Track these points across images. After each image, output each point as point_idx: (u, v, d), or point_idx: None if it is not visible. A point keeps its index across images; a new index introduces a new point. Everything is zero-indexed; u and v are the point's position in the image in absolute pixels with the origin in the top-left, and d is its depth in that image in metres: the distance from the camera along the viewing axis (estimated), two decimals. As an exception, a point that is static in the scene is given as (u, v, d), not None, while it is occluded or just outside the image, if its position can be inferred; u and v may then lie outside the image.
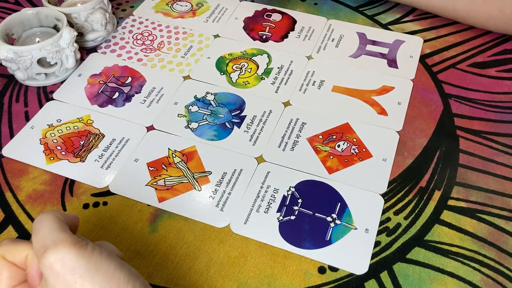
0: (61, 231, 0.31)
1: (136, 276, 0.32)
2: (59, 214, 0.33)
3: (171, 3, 0.70)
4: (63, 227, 0.32)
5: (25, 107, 0.56)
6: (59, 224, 0.32)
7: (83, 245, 0.30)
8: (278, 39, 0.64)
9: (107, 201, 0.47)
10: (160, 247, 0.44)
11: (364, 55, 0.62)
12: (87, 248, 0.30)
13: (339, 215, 0.46)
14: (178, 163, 0.50)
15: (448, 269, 0.42)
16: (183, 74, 0.60)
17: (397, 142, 0.52)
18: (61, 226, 0.31)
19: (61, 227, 0.31)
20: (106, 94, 0.57)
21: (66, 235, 0.31)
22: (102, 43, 0.64)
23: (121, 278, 0.31)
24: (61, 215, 0.33)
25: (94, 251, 0.31)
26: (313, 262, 0.43)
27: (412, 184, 0.49)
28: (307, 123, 0.54)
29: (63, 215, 0.33)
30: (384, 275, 0.42)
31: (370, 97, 0.56)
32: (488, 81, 0.58)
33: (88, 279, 0.30)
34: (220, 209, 0.46)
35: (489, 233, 0.45)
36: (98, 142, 0.52)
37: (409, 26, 0.66)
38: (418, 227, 0.45)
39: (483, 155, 0.51)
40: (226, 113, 0.55)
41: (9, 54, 0.54)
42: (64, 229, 0.31)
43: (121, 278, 0.31)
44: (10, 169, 0.50)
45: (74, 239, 0.31)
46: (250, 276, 0.42)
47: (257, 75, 0.59)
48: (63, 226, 0.32)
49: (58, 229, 0.31)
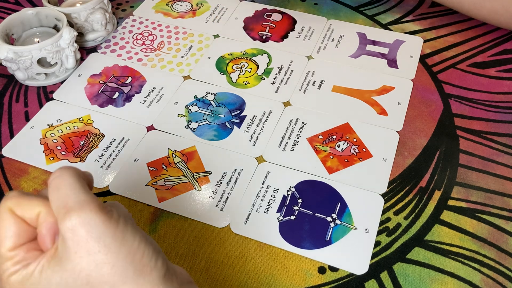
0: (85, 191, 0.28)
1: (159, 253, 0.29)
2: (78, 171, 0.29)
3: (171, 3, 0.70)
4: (85, 187, 0.29)
5: (25, 107, 0.56)
6: (81, 183, 0.28)
7: (110, 212, 0.28)
8: (278, 39, 0.64)
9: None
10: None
11: (364, 55, 0.62)
12: (113, 216, 0.28)
13: (339, 215, 0.46)
14: (178, 163, 0.50)
15: (448, 269, 0.42)
16: (183, 74, 0.60)
17: (397, 142, 0.52)
18: (84, 186, 0.28)
19: (83, 186, 0.28)
20: (106, 94, 0.57)
21: (91, 197, 0.28)
22: (102, 43, 0.64)
23: (145, 253, 0.28)
24: (80, 171, 0.30)
25: (120, 220, 0.28)
26: (313, 262, 0.43)
27: (412, 184, 0.48)
28: (307, 123, 0.54)
29: (82, 173, 0.30)
30: (384, 275, 0.42)
31: (370, 97, 0.56)
32: (488, 81, 0.58)
33: (113, 250, 0.27)
34: (220, 209, 0.46)
35: (489, 233, 0.45)
36: (98, 142, 0.52)
37: (409, 26, 0.66)
38: (418, 227, 0.45)
39: (483, 155, 0.51)
40: (226, 113, 0.55)
41: (9, 54, 0.54)
42: (87, 190, 0.28)
43: (145, 252, 0.28)
44: (10, 169, 0.50)
45: (100, 204, 0.28)
46: (250, 276, 0.42)
47: (257, 75, 0.59)
48: (85, 186, 0.29)
49: (81, 189, 0.28)
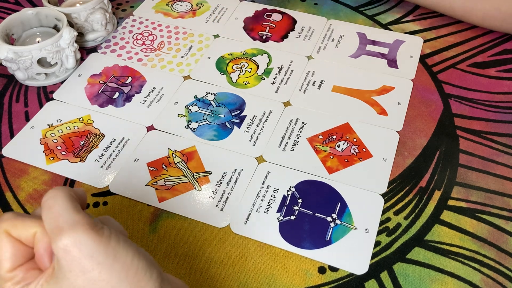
0: (76, 211, 0.29)
1: (153, 265, 0.30)
2: (71, 191, 0.30)
3: (171, 3, 0.70)
4: (77, 206, 0.29)
5: (25, 107, 0.56)
6: (73, 203, 0.29)
7: (100, 229, 0.28)
8: (278, 39, 0.64)
9: (107, 201, 0.47)
10: (160, 247, 0.44)
11: (364, 55, 0.62)
12: (104, 233, 0.28)
13: (339, 215, 0.46)
14: (178, 163, 0.50)
15: (448, 269, 0.42)
16: (183, 74, 0.60)
17: (397, 142, 0.52)
18: (76, 206, 0.29)
19: (75, 206, 0.29)
20: (106, 94, 0.57)
21: (82, 217, 0.28)
22: (102, 43, 0.64)
23: (140, 267, 0.29)
24: (73, 192, 0.30)
25: (111, 237, 0.29)
26: (313, 262, 0.43)
27: (412, 184, 0.49)
28: (307, 123, 0.54)
29: (74, 192, 0.31)
30: (384, 275, 0.42)
31: (370, 97, 0.56)
32: (488, 81, 0.58)
33: (107, 267, 0.28)
34: (220, 209, 0.46)
35: (489, 233, 0.45)
36: (98, 142, 0.52)
37: (409, 26, 0.66)
38: (418, 227, 0.45)
39: (483, 155, 0.51)
40: (226, 113, 0.55)
41: (9, 54, 0.54)
42: (79, 209, 0.29)
43: (139, 267, 0.29)
44: (10, 169, 0.50)
45: (91, 222, 0.28)
46: (250, 276, 0.42)
47: (257, 75, 0.59)
48: (77, 206, 0.29)
49: (73, 209, 0.29)
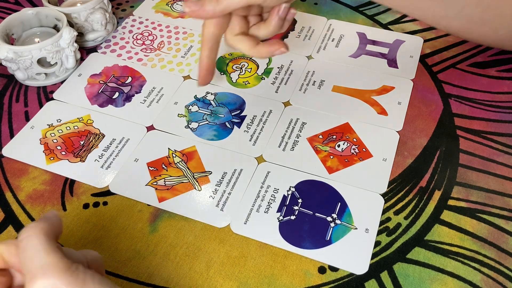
0: (50, 252, 0.29)
1: None
2: (46, 225, 0.31)
3: (171, 3, 0.70)
4: (51, 245, 0.30)
5: (25, 107, 0.56)
6: (47, 243, 0.30)
7: (74, 270, 0.29)
8: (278, 39, 0.64)
9: (107, 201, 0.47)
10: (160, 247, 0.44)
11: (364, 55, 0.62)
12: (78, 274, 0.29)
13: (339, 215, 0.46)
14: (178, 163, 0.50)
15: (448, 269, 0.42)
16: (183, 74, 0.60)
17: (397, 142, 0.52)
18: (49, 245, 0.30)
19: (49, 245, 0.30)
20: (106, 94, 0.57)
21: (55, 259, 0.29)
22: (102, 43, 0.64)
23: None
24: (48, 226, 0.31)
25: (86, 276, 0.29)
26: (313, 262, 0.43)
27: (412, 184, 0.48)
28: (307, 123, 0.54)
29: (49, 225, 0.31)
30: (384, 275, 0.42)
31: (370, 97, 0.56)
32: (488, 81, 0.58)
33: None
34: (220, 209, 0.46)
35: (489, 233, 0.45)
36: (98, 142, 0.52)
37: (409, 26, 0.66)
38: (418, 227, 0.45)
39: (483, 155, 0.51)
40: (226, 113, 0.55)
41: (9, 54, 0.54)
42: (52, 249, 0.30)
43: None
44: (10, 169, 0.50)
45: (64, 264, 0.29)
46: (250, 276, 0.42)
47: (257, 75, 0.59)
48: (51, 245, 0.30)
49: (46, 250, 0.29)
